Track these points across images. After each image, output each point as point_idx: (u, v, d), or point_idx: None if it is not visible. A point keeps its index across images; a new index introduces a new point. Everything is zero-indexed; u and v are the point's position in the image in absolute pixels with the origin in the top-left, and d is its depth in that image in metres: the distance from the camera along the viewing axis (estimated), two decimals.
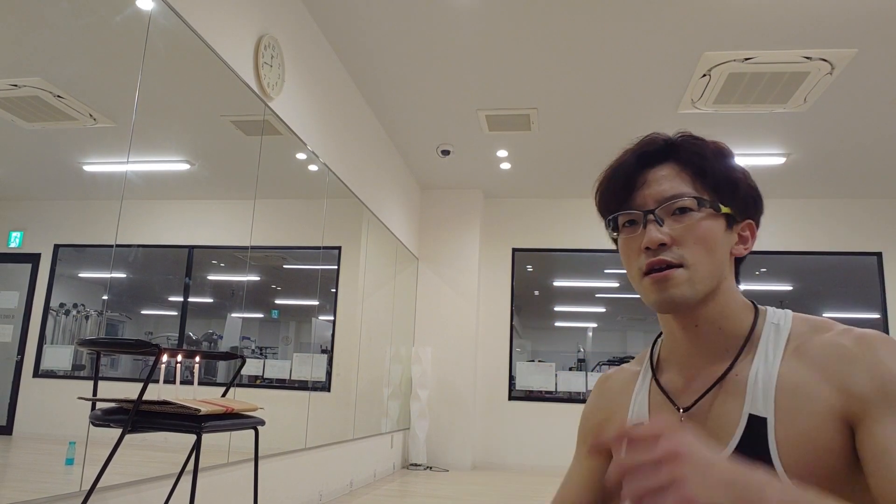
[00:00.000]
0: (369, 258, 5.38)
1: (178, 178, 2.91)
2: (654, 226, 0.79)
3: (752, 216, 0.85)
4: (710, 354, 0.82)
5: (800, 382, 0.74)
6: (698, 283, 0.78)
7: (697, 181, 0.81)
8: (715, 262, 0.80)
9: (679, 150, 0.82)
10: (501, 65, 4.47)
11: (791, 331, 0.79)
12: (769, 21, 3.80)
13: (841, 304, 7.21)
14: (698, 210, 0.79)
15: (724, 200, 0.81)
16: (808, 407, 0.72)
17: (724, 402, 0.78)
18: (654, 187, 0.81)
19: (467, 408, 6.76)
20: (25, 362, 2.09)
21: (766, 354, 0.78)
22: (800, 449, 0.71)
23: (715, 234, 0.80)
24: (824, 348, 0.75)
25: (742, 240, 0.84)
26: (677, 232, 0.79)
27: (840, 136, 5.39)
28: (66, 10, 2.14)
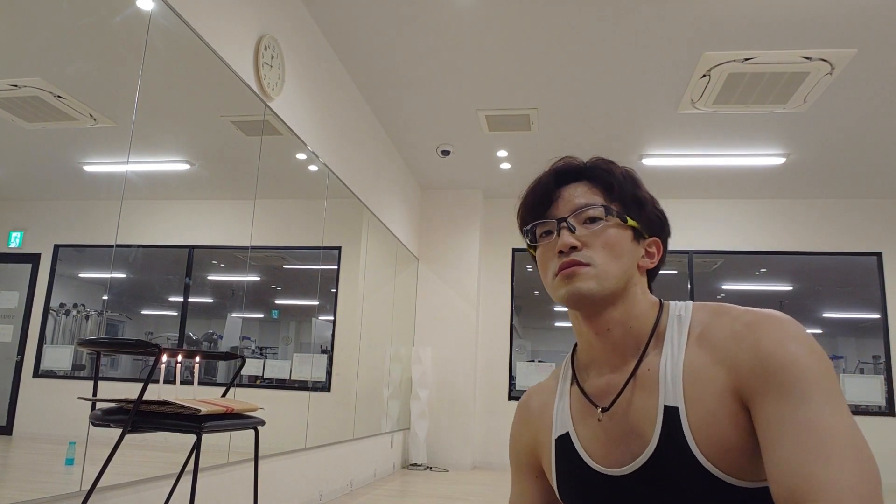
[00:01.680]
0: (369, 258, 5.38)
1: (178, 178, 2.91)
2: (567, 231, 0.86)
3: (658, 235, 0.92)
4: (623, 354, 0.86)
5: (701, 367, 0.78)
6: (604, 280, 0.84)
7: (607, 196, 0.88)
8: (621, 266, 0.85)
9: (590, 170, 0.91)
10: (501, 65, 4.47)
11: (692, 320, 0.83)
12: (769, 21, 3.80)
13: (841, 304, 7.21)
14: (605, 219, 0.86)
15: (630, 214, 0.88)
16: (709, 389, 0.76)
17: (641, 397, 0.82)
18: (568, 200, 0.89)
19: (467, 408, 6.76)
20: (25, 362, 2.09)
21: (672, 346, 0.82)
22: (710, 431, 0.75)
23: (620, 241, 0.86)
24: (720, 331, 0.79)
25: (649, 255, 0.91)
26: (587, 237, 0.86)
27: (840, 136, 5.39)
28: (66, 10, 2.14)
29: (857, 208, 6.91)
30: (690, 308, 0.85)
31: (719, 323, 0.80)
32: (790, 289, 7.27)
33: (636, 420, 0.81)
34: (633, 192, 0.90)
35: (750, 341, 0.75)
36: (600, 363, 0.89)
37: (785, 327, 0.75)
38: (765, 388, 0.72)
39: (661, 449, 0.78)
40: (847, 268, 6.97)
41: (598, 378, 0.89)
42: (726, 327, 0.79)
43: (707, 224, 7.09)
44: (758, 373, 0.73)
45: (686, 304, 0.87)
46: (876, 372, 6.66)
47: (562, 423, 0.91)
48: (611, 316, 0.86)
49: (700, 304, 0.86)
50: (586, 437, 0.87)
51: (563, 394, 0.94)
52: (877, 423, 6.46)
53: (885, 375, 6.56)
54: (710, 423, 0.75)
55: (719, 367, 0.77)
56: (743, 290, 7.42)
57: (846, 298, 7.13)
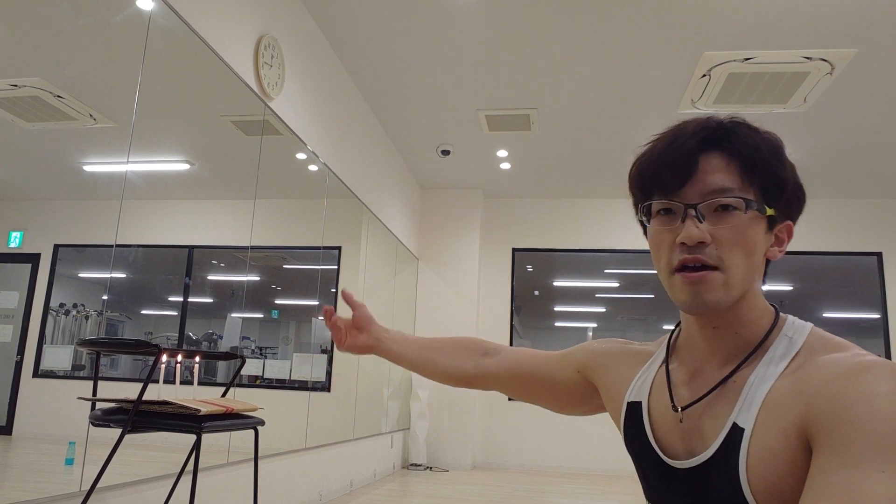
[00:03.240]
0: (369, 258, 5.38)
1: (178, 178, 2.91)
2: (695, 221, 0.74)
3: (792, 217, 0.80)
4: (720, 356, 0.80)
5: (785, 398, 0.71)
6: (733, 288, 0.74)
7: (746, 178, 0.75)
8: (751, 266, 0.75)
9: (732, 138, 0.76)
10: (501, 65, 4.47)
11: (802, 347, 0.75)
12: (769, 21, 3.80)
13: (841, 304, 7.20)
14: (744, 211, 0.74)
15: (769, 201, 0.76)
16: (779, 422, 0.70)
17: (718, 405, 0.77)
18: (700, 177, 0.75)
19: (467, 408, 6.76)
20: (25, 362, 2.09)
21: (769, 365, 0.75)
22: (766, 466, 0.69)
23: (756, 238, 0.75)
24: (819, 367, 0.71)
25: (778, 241, 0.79)
26: (718, 231, 0.74)
27: (840, 136, 5.38)
28: (66, 10, 2.14)
29: (857, 208, 6.91)
30: (806, 334, 0.76)
31: (828, 358, 0.71)
32: (790, 289, 7.26)
33: (705, 423, 0.77)
34: (777, 171, 0.76)
35: (838, 386, 0.67)
36: (693, 354, 0.83)
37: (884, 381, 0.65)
38: (826, 438, 0.65)
39: (712, 463, 0.74)
40: (847, 268, 6.97)
41: (688, 367, 0.84)
42: (827, 365, 0.70)
43: None
44: (827, 420, 0.65)
45: (804, 326, 0.77)
46: None
47: (639, 390, 0.88)
48: (725, 316, 0.78)
49: (818, 333, 0.76)
50: (657, 416, 0.84)
51: (654, 363, 0.89)
52: None
53: None
54: (768, 459, 0.69)
55: (799, 403, 0.69)
56: None
57: (846, 298, 7.13)
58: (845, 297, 7.14)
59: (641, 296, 7.49)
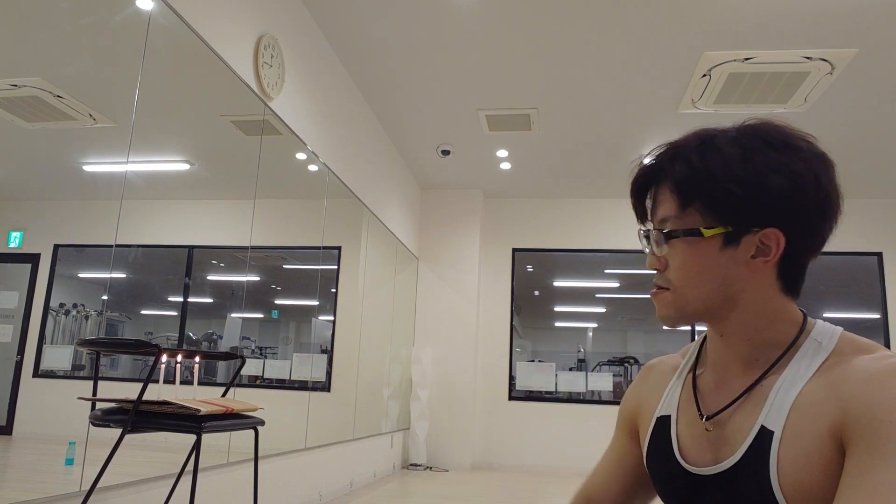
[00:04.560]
0: (369, 258, 5.38)
1: (178, 178, 2.91)
2: (650, 249, 0.83)
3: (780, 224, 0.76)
4: (739, 363, 0.81)
5: (817, 401, 0.71)
6: (683, 305, 0.80)
7: (683, 205, 0.79)
8: (706, 284, 0.78)
9: (667, 172, 0.81)
10: (501, 65, 4.47)
11: (833, 351, 0.75)
12: (769, 21, 3.80)
13: (841, 304, 7.20)
14: (679, 238, 0.79)
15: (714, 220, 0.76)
16: (813, 426, 0.70)
17: (745, 410, 0.78)
18: (654, 210, 0.84)
19: (467, 408, 6.76)
20: (25, 362, 2.09)
21: (797, 370, 0.76)
22: (799, 469, 0.69)
23: (702, 259, 0.78)
24: (852, 369, 0.71)
25: (763, 250, 0.77)
26: (667, 258, 0.81)
27: (840, 136, 5.38)
28: (66, 10, 2.14)
29: (857, 208, 6.91)
30: (836, 338, 0.76)
31: (860, 361, 0.72)
32: None
33: (732, 429, 0.78)
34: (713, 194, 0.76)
35: (874, 386, 0.67)
36: (718, 361, 0.85)
37: None
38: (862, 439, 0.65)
39: (740, 466, 0.74)
40: (847, 268, 6.97)
41: (712, 375, 0.85)
42: (861, 368, 0.70)
43: None
44: (864, 420, 0.66)
45: (834, 331, 0.78)
46: None
47: (668, 404, 0.89)
48: (725, 325, 0.81)
49: (848, 337, 0.77)
50: (684, 427, 0.85)
51: (681, 375, 0.91)
52: None
53: None
54: (802, 462, 0.69)
55: (833, 406, 0.70)
56: None
57: (846, 298, 7.13)
58: (845, 297, 7.14)
59: (642, 296, 7.48)
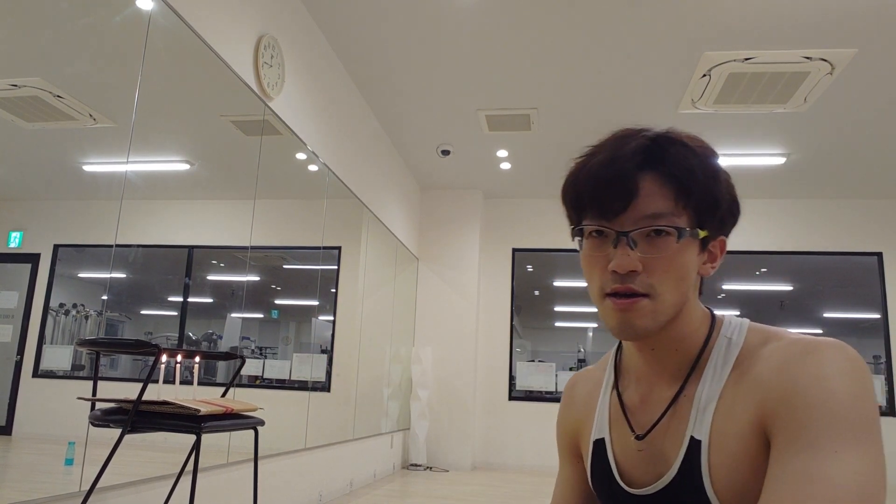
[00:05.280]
0: (369, 258, 5.38)
1: (178, 178, 2.91)
2: (626, 249, 0.71)
3: (725, 232, 0.78)
4: (666, 375, 0.78)
5: (736, 401, 0.70)
6: (662, 314, 0.72)
7: (680, 201, 0.72)
8: (683, 290, 0.73)
9: (668, 159, 0.72)
10: (501, 65, 4.47)
11: (743, 346, 0.73)
12: (769, 21, 3.80)
13: (841, 304, 7.20)
14: (677, 239, 0.71)
15: (703, 222, 0.73)
16: (736, 428, 0.69)
17: (673, 423, 0.76)
18: (636, 202, 0.72)
19: (467, 408, 6.76)
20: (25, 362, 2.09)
21: (714, 372, 0.74)
22: (730, 474, 0.68)
23: (689, 263, 0.73)
24: (764, 361, 0.69)
25: (711, 257, 0.77)
26: (650, 260, 0.71)
27: (840, 136, 5.38)
28: (66, 10, 2.14)
29: (857, 208, 6.90)
30: (745, 331, 0.75)
31: (767, 352, 0.70)
32: (790, 289, 7.26)
33: (665, 444, 0.76)
34: (712, 193, 0.73)
35: (789, 375, 0.66)
36: (639, 375, 0.82)
37: (835, 363, 0.64)
38: (783, 427, 0.64)
39: (678, 480, 0.73)
40: (847, 268, 6.97)
41: (637, 390, 0.82)
42: (772, 357, 0.69)
43: None
44: (781, 411, 0.64)
45: (741, 324, 0.76)
46: (877, 372, 6.66)
47: (600, 426, 0.86)
48: (659, 337, 0.76)
49: (756, 328, 0.75)
50: (619, 448, 0.82)
51: (606, 392, 0.87)
52: None
53: (886, 375, 6.55)
54: (730, 465, 0.68)
55: (751, 403, 0.68)
56: (743, 290, 7.42)
57: (846, 298, 7.13)
58: (845, 297, 7.14)
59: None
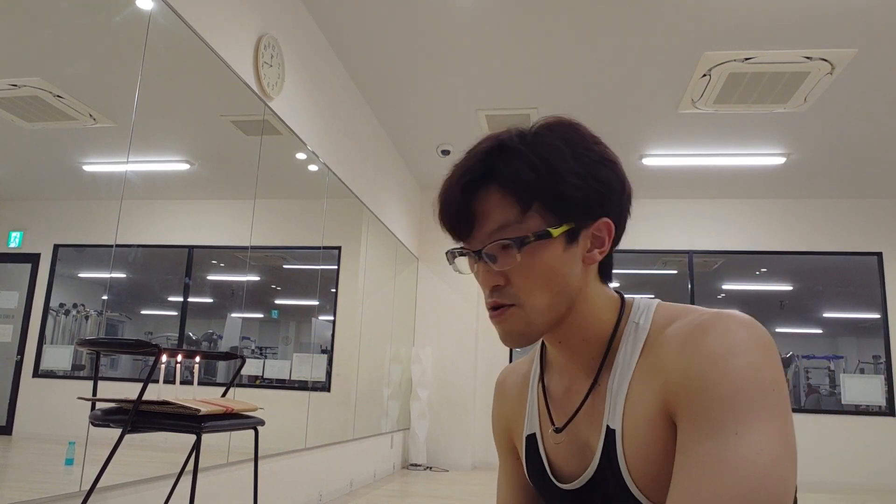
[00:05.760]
0: (369, 258, 5.38)
1: (178, 178, 2.91)
2: (484, 266, 0.73)
3: (608, 213, 0.73)
4: (581, 366, 0.78)
5: (642, 387, 0.69)
6: (535, 318, 0.72)
7: (523, 206, 0.70)
8: (554, 291, 0.72)
9: (498, 171, 0.72)
10: (501, 65, 4.47)
11: (651, 328, 0.72)
12: (769, 21, 3.80)
13: (841, 304, 7.20)
14: (527, 244, 0.70)
15: (557, 212, 0.70)
16: (645, 413, 0.68)
17: (591, 415, 0.75)
18: (481, 221, 0.72)
19: (467, 408, 6.76)
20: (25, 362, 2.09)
21: (624, 360, 0.73)
22: (644, 459, 0.67)
23: (550, 263, 0.71)
24: (667, 342, 0.68)
25: (597, 242, 0.74)
26: (508, 270, 0.71)
27: (840, 136, 5.38)
28: (66, 10, 2.14)
29: (857, 208, 6.91)
30: (652, 312, 0.74)
31: (670, 332, 0.69)
32: (790, 289, 7.26)
33: (587, 436, 0.76)
34: (551, 185, 0.70)
35: (685, 357, 0.65)
36: (561, 368, 0.82)
37: (729, 338, 0.63)
38: (686, 412, 0.62)
39: (600, 471, 0.73)
40: (847, 268, 6.97)
41: (560, 382, 0.82)
42: (673, 339, 0.68)
43: (707, 224, 7.09)
44: (682, 395, 0.63)
45: (649, 305, 0.75)
46: (876, 372, 6.66)
47: (531, 422, 0.86)
48: (561, 331, 0.75)
49: (663, 308, 0.74)
50: (550, 442, 0.82)
51: (533, 386, 0.87)
52: (877, 424, 6.46)
53: (886, 375, 6.56)
54: (643, 452, 0.67)
55: (657, 387, 0.67)
56: (743, 290, 7.42)
57: (846, 298, 7.13)
58: (845, 297, 7.14)
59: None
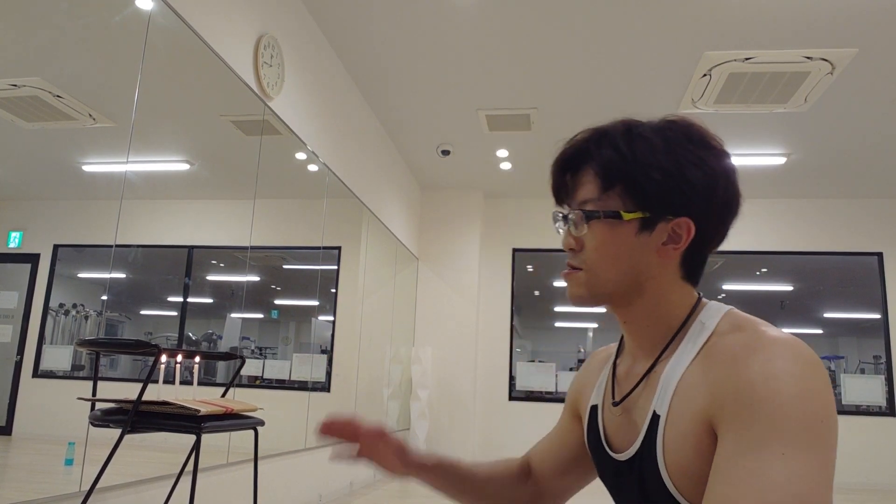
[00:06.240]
0: (369, 258, 5.38)
1: (178, 178, 2.91)
2: (567, 229, 0.84)
3: (691, 214, 0.79)
4: (644, 349, 0.84)
5: (694, 384, 0.73)
6: (595, 286, 0.82)
7: (605, 188, 0.80)
8: (619, 267, 0.80)
9: (591, 154, 0.82)
10: (501, 65, 4.47)
11: (714, 331, 0.76)
12: (769, 21, 3.80)
13: (841, 304, 7.20)
14: (599, 219, 0.80)
15: (634, 205, 0.78)
16: (689, 409, 0.72)
17: (645, 395, 0.81)
18: (575, 191, 0.84)
19: (467, 408, 6.75)
20: (25, 362, 2.09)
21: (682, 353, 0.78)
22: (679, 451, 0.71)
23: (619, 242, 0.80)
24: (723, 349, 0.72)
25: (674, 238, 0.79)
26: (583, 237, 0.82)
27: (840, 136, 5.38)
28: (66, 10, 2.14)
29: (858, 208, 6.90)
30: (720, 317, 0.78)
31: (729, 340, 0.73)
32: (791, 289, 7.26)
33: (637, 414, 0.81)
34: (631, 174, 0.78)
35: (739, 367, 0.68)
36: (628, 349, 0.89)
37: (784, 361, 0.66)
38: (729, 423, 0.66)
39: (641, 451, 0.78)
40: (847, 268, 6.97)
41: (625, 363, 0.89)
42: (727, 348, 0.72)
43: None
44: (729, 404, 0.66)
45: (719, 310, 0.79)
46: (877, 372, 6.66)
47: (597, 394, 0.93)
48: (629, 311, 0.83)
49: (731, 316, 0.78)
50: (608, 415, 0.89)
51: (608, 363, 0.94)
52: (877, 424, 6.46)
53: (886, 375, 6.55)
54: (681, 444, 0.71)
55: (705, 390, 0.71)
56: (744, 290, 7.41)
57: (847, 298, 7.12)
58: (845, 297, 7.13)
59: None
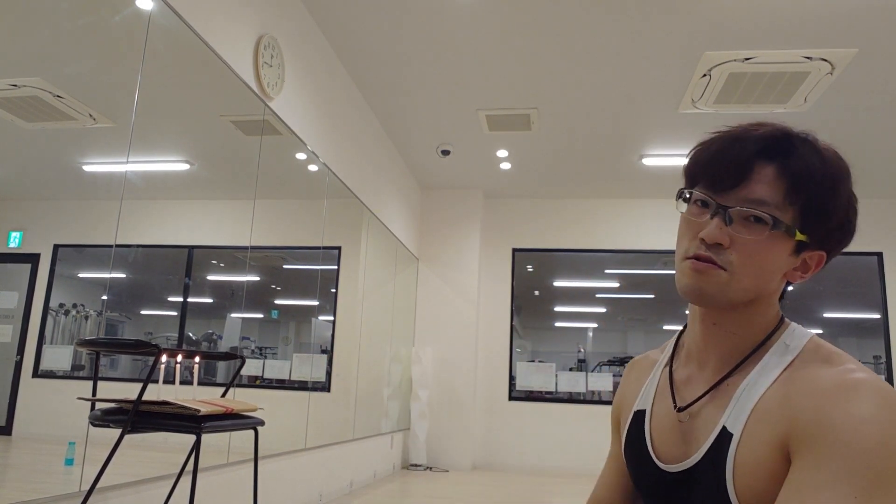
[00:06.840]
0: (369, 258, 5.38)
1: (178, 178, 2.91)
2: (721, 223, 0.75)
3: (830, 249, 0.78)
4: (718, 357, 0.81)
5: (772, 408, 0.71)
6: (733, 291, 0.75)
7: (788, 197, 0.74)
8: (761, 279, 0.76)
9: (791, 154, 0.75)
10: (501, 65, 4.47)
11: (798, 355, 0.75)
12: (769, 21, 3.80)
13: (841, 304, 7.20)
14: (770, 228, 0.74)
15: (806, 226, 0.75)
16: (767, 433, 0.70)
17: (712, 407, 0.78)
18: (745, 185, 0.75)
19: (467, 408, 6.75)
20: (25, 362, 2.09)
21: (763, 371, 0.75)
22: (752, 475, 0.70)
23: (773, 256, 0.75)
24: (810, 379, 0.70)
25: (804, 267, 0.78)
26: (739, 239, 0.74)
27: (840, 136, 5.38)
28: (66, 10, 2.14)
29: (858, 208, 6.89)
30: (804, 342, 0.76)
31: (816, 371, 0.71)
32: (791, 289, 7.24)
33: (699, 426, 0.78)
34: (823, 200, 0.75)
35: (824, 402, 0.66)
36: (696, 352, 0.84)
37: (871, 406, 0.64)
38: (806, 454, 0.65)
39: (701, 466, 0.75)
40: (847, 268, 6.97)
41: (689, 366, 0.85)
42: (815, 380, 0.70)
43: None
44: (808, 436, 0.65)
45: (803, 335, 0.77)
46: (877, 372, 6.65)
47: (645, 398, 0.90)
48: (729, 316, 0.79)
49: (816, 343, 0.76)
50: (657, 421, 0.85)
51: (658, 368, 0.91)
52: None
53: (886, 375, 6.55)
54: (755, 467, 0.69)
55: (786, 415, 0.69)
56: None
57: (847, 298, 7.12)
58: (845, 297, 7.13)
59: (642, 296, 7.48)
